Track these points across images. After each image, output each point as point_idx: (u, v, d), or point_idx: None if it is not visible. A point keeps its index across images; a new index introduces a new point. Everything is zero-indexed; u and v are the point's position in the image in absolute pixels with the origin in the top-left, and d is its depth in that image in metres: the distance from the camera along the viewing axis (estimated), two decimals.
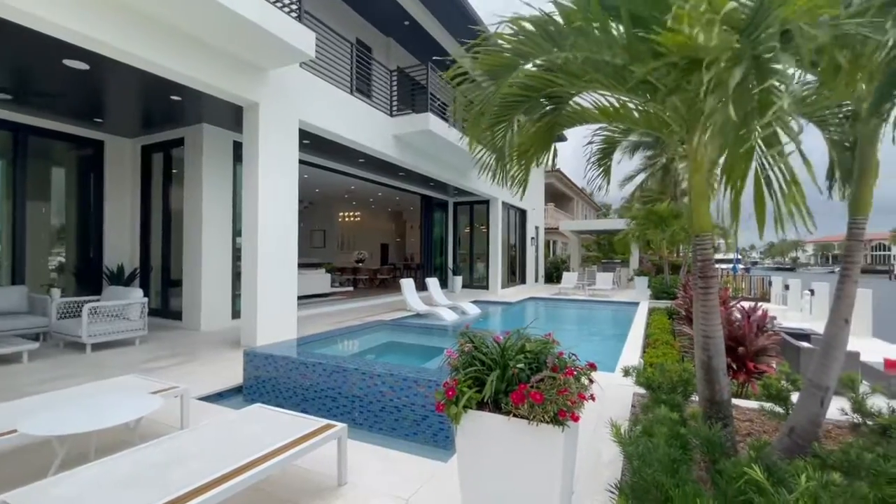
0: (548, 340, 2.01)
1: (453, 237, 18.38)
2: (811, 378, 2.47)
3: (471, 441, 1.85)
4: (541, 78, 2.70)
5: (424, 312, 10.51)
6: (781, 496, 1.47)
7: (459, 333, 2.06)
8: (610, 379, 5.00)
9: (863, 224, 2.45)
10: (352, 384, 4.02)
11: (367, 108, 9.50)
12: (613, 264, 23.97)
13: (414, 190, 15.65)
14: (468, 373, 1.84)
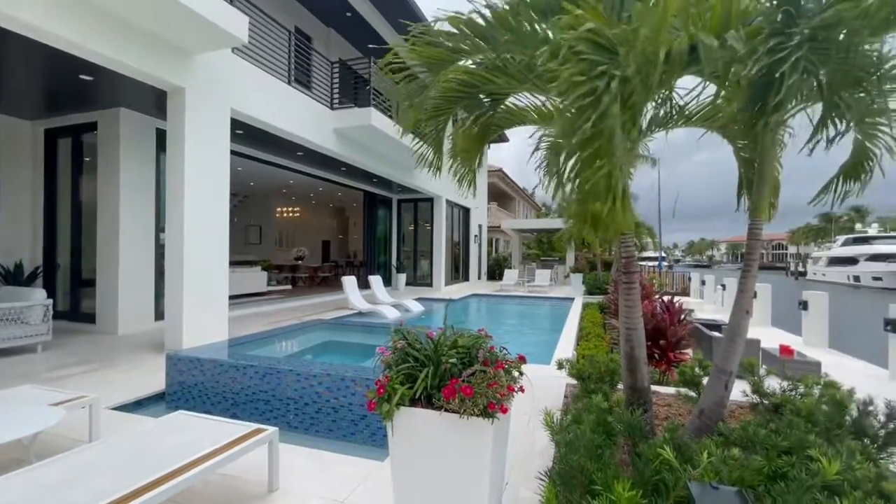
0: (480, 335, 2.05)
1: (397, 234, 18.26)
2: (718, 364, 2.72)
3: (403, 438, 1.84)
4: (479, 75, 2.74)
5: (367, 311, 10.34)
6: (688, 472, 1.61)
7: (393, 330, 2.05)
8: (545, 371, 5.21)
9: (760, 226, 2.73)
10: (286, 386, 3.86)
11: (307, 100, 9.16)
12: (552, 262, 24.99)
13: (357, 186, 15.34)
14: (401, 370, 1.83)
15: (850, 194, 3.18)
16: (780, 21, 2.21)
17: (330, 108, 10.06)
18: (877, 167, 2.94)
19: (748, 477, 1.69)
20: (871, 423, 2.51)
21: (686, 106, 3.53)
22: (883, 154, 2.92)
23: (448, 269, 18.45)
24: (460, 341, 1.94)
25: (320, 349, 6.98)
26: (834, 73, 2.32)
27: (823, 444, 2.16)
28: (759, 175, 2.71)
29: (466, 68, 2.73)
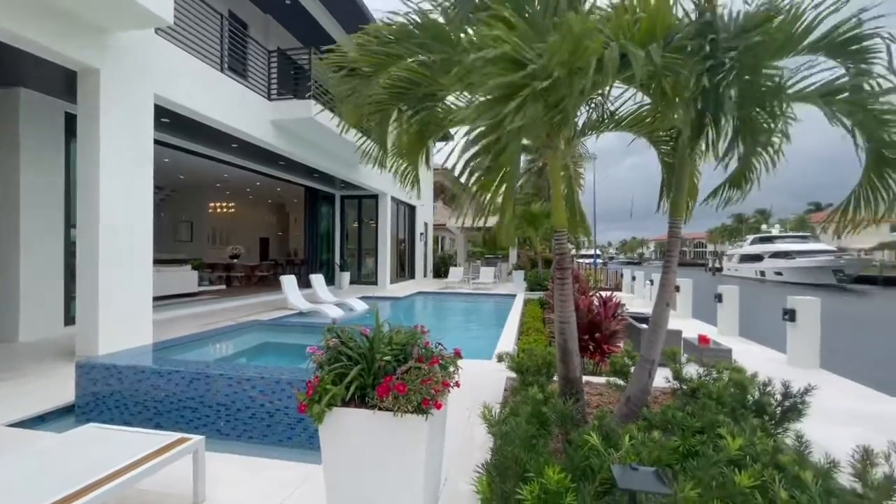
0: (416, 332, 2.05)
1: (341, 232, 17.82)
2: (642, 353, 2.92)
3: (336, 439, 1.80)
4: (419, 72, 2.73)
5: (308, 310, 10.01)
6: (611, 456, 1.71)
7: (326, 329, 1.99)
8: (487, 366, 5.32)
9: (679, 225, 2.95)
10: (216, 391, 3.64)
11: (241, 89, 8.67)
12: (496, 259, 25.56)
13: (297, 181, 14.77)
14: (333, 369, 1.78)
15: (731, 201, 3.55)
16: (705, 41, 2.39)
17: (267, 99, 9.60)
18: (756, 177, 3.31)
19: (665, 456, 1.83)
20: (770, 401, 2.81)
21: (617, 112, 3.74)
22: (761, 168, 3.28)
23: (393, 267, 18.30)
24: (395, 338, 1.92)
25: (256, 351, 6.66)
26: (744, 93, 2.56)
27: (730, 422, 2.38)
28: (677, 179, 2.93)
29: (409, 65, 2.72)
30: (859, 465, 1.82)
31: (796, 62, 2.77)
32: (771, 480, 1.60)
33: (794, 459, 1.88)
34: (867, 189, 2.74)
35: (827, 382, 5.78)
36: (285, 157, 10.94)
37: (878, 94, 2.44)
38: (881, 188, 2.68)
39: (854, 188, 2.84)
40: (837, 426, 3.94)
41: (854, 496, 1.70)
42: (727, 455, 1.77)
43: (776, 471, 1.87)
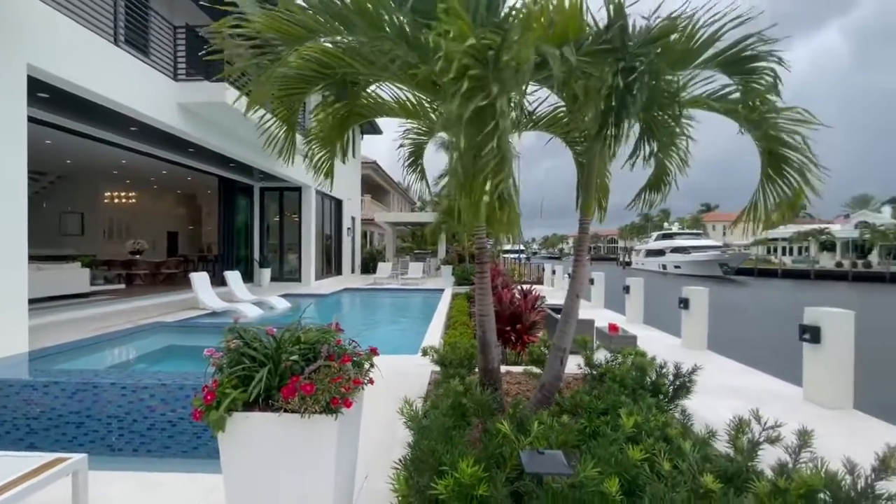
0: (328, 329, 1.98)
1: (260, 226, 16.78)
2: (555, 342, 3.08)
3: (238, 447, 1.67)
4: (335, 56, 2.62)
5: (222, 310, 9.32)
6: (521, 442, 1.78)
7: (227, 329, 1.85)
8: (413, 360, 5.32)
9: (588, 223, 3.15)
10: (107, 403, 3.25)
11: (141, 66, 7.79)
12: (425, 254, 25.69)
13: (210, 170, 13.64)
14: (234, 371, 1.65)
15: (655, 202, 3.94)
16: (619, 45, 2.55)
17: (173, 79, 8.73)
18: (673, 179, 3.68)
19: (571, 439, 1.95)
20: (664, 382, 3.11)
21: (535, 112, 3.91)
22: (676, 172, 3.68)
23: (319, 262, 17.65)
24: (304, 337, 1.83)
25: (160, 356, 6.07)
26: (648, 99, 2.79)
27: (630, 402, 2.60)
28: (586, 180, 3.13)
29: (323, 47, 2.59)
30: (731, 432, 2.07)
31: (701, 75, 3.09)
32: (658, 453, 1.77)
33: (679, 432, 2.09)
34: (765, 184, 3.11)
35: (712, 362, 6.55)
36: (195, 143, 10.04)
37: (771, 107, 2.80)
38: (779, 181, 3.03)
39: (756, 187, 3.22)
40: (719, 399, 4.48)
41: (726, 460, 1.93)
42: (624, 433, 1.93)
43: (665, 443, 2.07)
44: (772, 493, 1.54)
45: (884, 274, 41.73)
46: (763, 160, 3.08)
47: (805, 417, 4.24)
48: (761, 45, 2.67)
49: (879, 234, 46.26)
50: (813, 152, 2.81)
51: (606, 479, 1.50)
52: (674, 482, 1.54)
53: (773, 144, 2.84)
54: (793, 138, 2.81)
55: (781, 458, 1.86)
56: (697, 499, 1.48)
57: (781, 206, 3.05)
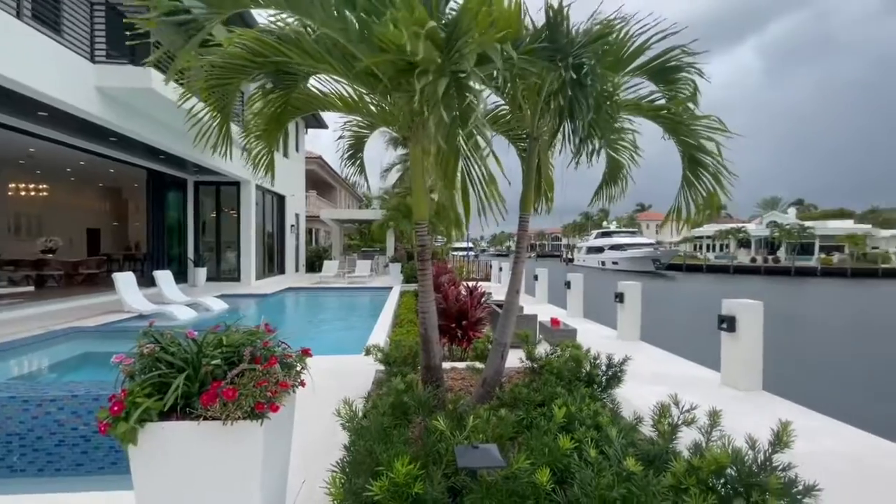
0: (255, 331, 1.88)
1: (195, 222, 15.75)
2: (496, 338, 3.15)
3: (152, 460, 1.55)
4: (269, 45, 2.50)
5: (150, 312, 8.66)
6: (456, 438, 1.80)
7: (141, 333, 1.71)
8: (357, 360, 5.22)
9: (527, 219, 3.24)
10: (5, 420, 2.91)
11: (52, 46, 7.03)
12: (373, 252, 25.32)
13: (137, 162, 12.59)
14: (149, 378, 1.53)
15: (615, 196, 4.15)
16: (550, 48, 2.63)
17: (90, 61, 7.95)
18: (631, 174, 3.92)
19: (506, 431, 1.99)
20: (597, 372, 3.27)
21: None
22: (630, 165, 3.89)
23: (260, 261, 16.86)
24: (227, 340, 1.73)
25: (75, 364, 5.53)
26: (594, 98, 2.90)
27: (565, 393, 2.71)
28: (526, 177, 3.22)
29: (255, 34, 2.46)
30: (654, 417, 2.22)
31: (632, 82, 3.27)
32: (587, 441, 1.85)
33: (609, 420, 2.21)
34: (685, 186, 3.36)
35: (643, 351, 6.99)
36: (118, 133, 9.22)
37: (691, 115, 3.01)
38: (696, 184, 3.29)
39: (679, 189, 3.47)
40: (649, 386, 4.78)
41: (649, 444, 2.06)
42: (556, 423, 2.01)
43: (595, 431, 2.18)
44: (687, 472, 1.66)
45: (789, 268, 46.69)
46: (684, 164, 3.32)
47: (721, 400, 4.62)
48: (684, 57, 2.87)
49: (786, 233, 51.59)
50: (725, 158, 3.07)
51: (538, 470, 1.56)
52: (599, 468, 1.62)
53: (691, 149, 3.07)
54: (708, 144, 3.05)
55: (697, 439, 2.01)
56: (621, 481, 1.57)
57: (700, 206, 3.31)
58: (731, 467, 1.70)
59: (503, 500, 1.55)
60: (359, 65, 2.50)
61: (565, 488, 1.73)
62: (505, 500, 1.57)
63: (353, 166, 4.44)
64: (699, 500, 1.50)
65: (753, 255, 54.17)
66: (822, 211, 69.06)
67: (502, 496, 1.54)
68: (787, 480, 1.61)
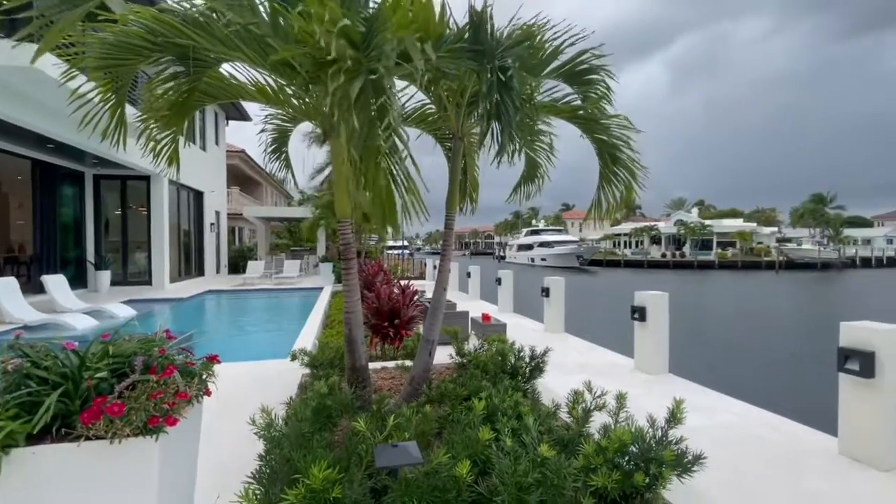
0: (150, 339, 1.72)
1: (96, 221, 14.10)
2: (424, 335, 3.16)
3: (24, 493, 1.33)
4: (171, 26, 2.28)
5: (37, 323, 7.62)
6: (376, 437, 1.78)
7: (6, 346, 1.48)
8: (283, 365, 4.98)
9: (453, 217, 3.28)
10: None
11: None
12: (302, 252, 24.33)
13: (18, 152, 11.00)
14: (16, 398, 1.32)
15: (532, 193, 4.32)
16: (474, 49, 2.66)
17: None
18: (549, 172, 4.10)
19: (428, 428, 2.01)
20: (521, 364, 3.41)
21: (404, 106, 3.93)
22: (546, 165, 4.07)
23: (175, 263, 15.52)
24: (114, 349, 1.56)
25: None
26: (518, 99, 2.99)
27: (490, 386, 2.79)
28: (453, 176, 3.26)
29: (155, 13, 2.24)
30: (570, 404, 2.35)
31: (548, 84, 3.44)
32: (505, 431, 1.92)
33: (529, 409, 2.30)
34: (602, 182, 3.59)
35: (567, 342, 7.41)
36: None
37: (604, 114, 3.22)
38: (613, 179, 3.53)
39: (598, 186, 3.70)
40: (571, 374, 5.06)
41: (565, 429, 2.18)
42: (476, 416, 2.06)
43: (517, 421, 2.26)
44: (595, 452, 1.78)
45: (693, 262, 52.08)
46: (600, 161, 3.56)
47: (634, 384, 5.03)
48: (595, 60, 3.06)
49: (690, 230, 57.36)
50: (636, 152, 3.34)
51: (458, 463, 1.58)
52: (516, 455, 1.69)
53: (606, 146, 3.30)
54: (621, 143, 3.30)
55: (607, 422, 2.17)
56: (536, 467, 1.65)
57: (616, 200, 3.58)
58: (634, 445, 1.85)
59: (424, 496, 1.55)
60: (275, 55, 2.37)
61: (487, 479, 1.78)
62: (426, 495, 1.58)
63: (278, 161, 4.22)
64: (605, 477, 1.62)
65: (664, 251, 59.52)
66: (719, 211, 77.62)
67: (423, 492, 1.55)
68: (679, 452, 1.78)
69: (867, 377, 3.13)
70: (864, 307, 21.10)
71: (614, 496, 1.74)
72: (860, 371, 3.16)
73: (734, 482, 2.87)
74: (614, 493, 1.73)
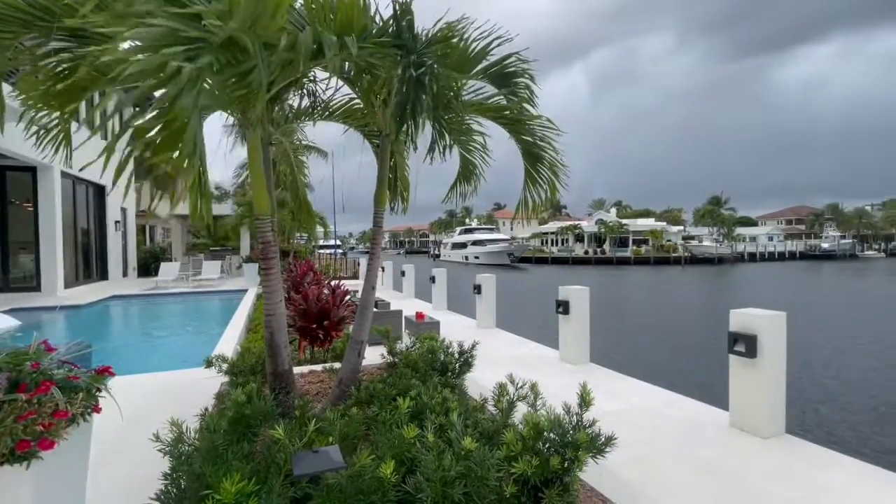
0: (23, 352, 1.50)
1: None
2: (352, 336, 3.08)
3: None
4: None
5: None
6: (295, 444, 1.71)
7: None
8: (198, 374, 4.62)
9: (382, 215, 3.24)
10: None
11: None
12: (224, 252, 22.75)
13: None
14: None
15: (467, 193, 4.36)
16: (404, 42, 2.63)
17: None
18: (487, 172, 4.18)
19: (353, 430, 1.96)
20: (451, 360, 3.45)
21: (331, 102, 3.81)
22: (481, 165, 4.14)
23: (72, 265, 13.79)
24: None
25: None
26: (436, 97, 3.00)
27: (419, 384, 2.79)
28: (381, 173, 3.21)
29: None
30: (495, 396, 2.42)
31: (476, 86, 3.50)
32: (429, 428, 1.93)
33: (456, 405, 2.34)
34: (528, 181, 3.73)
35: (499, 337, 7.64)
36: None
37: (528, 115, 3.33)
38: (537, 177, 3.66)
39: (524, 185, 3.82)
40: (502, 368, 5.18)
41: (491, 421, 2.24)
42: (402, 415, 2.05)
43: (445, 417, 2.28)
44: (516, 441, 1.85)
45: (612, 258, 56.25)
46: (525, 161, 3.70)
47: (559, 374, 5.31)
48: (519, 64, 3.17)
49: (609, 229, 61.80)
50: (558, 151, 3.53)
51: (382, 464, 1.56)
52: (440, 451, 1.70)
53: (530, 146, 3.44)
54: (544, 141, 3.46)
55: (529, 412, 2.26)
56: (460, 460, 1.67)
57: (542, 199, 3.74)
58: (553, 431, 1.94)
59: (347, 500, 1.51)
60: None
61: (414, 478, 1.77)
62: (350, 499, 1.54)
63: None
64: (525, 464, 1.68)
65: (587, 248, 63.53)
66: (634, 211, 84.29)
67: (346, 497, 1.51)
68: (593, 435, 1.91)
69: (751, 357, 3.56)
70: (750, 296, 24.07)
71: (535, 482, 1.82)
72: (745, 352, 3.59)
73: (642, 457, 3.13)
74: (535, 479, 1.81)
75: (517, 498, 1.78)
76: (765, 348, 3.53)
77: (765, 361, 3.54)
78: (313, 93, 3.50)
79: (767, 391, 3.55)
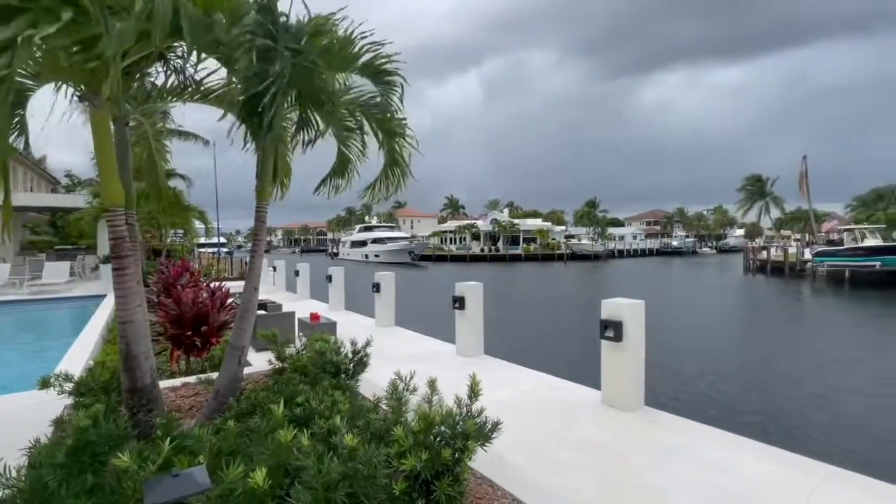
0: None
1: None
2: (231, 342, 2.80)
3: None
4: None
5: None
6: (148, 469, 1.49)
7: None
8: (32, 398, 3.83)
9: (265, 209, 2.99)
10: None
11: None
12: (75, 251, 19.27)
13: None
14: None
15: (340, 189, 4.20)
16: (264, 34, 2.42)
17: None
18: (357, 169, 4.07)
19: (227, 445, 1.78)
20: (344, 360, 3.33)
21: (203, 82, 3.41)
22: (356, 161, 4.03)
23: None
24: None
25: None
26: (305, 93, 2.84)
27: (308, 389, 2.62)
28: (264, 165, 2.96)
29: None
30: (388, 395, 2.38)
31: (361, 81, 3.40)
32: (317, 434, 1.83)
33: (346, 408, 2.25)
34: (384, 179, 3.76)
35: (398, 335, 7.61)
36: None
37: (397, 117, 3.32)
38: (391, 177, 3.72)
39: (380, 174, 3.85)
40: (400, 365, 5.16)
41: (382, 420, 2.20)
42: (277, 422, 1.89)
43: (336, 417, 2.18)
44: (406, 436, 1.83)
45: (505, 255, 59.93)
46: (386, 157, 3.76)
47: (454, 367, 5.45)
48: (388, 65, 3.17)
49: (502, 228, 65.67)
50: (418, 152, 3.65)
51: (252, 474, 1.42)
52: (319, 454, 1.61)
53: (391, 143, 3.49)
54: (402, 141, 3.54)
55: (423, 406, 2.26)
56: (344, 461, 1.60)
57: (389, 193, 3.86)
58: (444, 424, 1.97)
59: None
60: None
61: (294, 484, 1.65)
62: None
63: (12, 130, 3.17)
64: (413, 458, 1.67)
65: (482, 246, 66.67)
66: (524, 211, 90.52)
67: None
68: (481, 423, 1.97)
69: (618, 341, 4.03)
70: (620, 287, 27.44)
71: (426, 476, 1.83)
72: (613, 337, 4.05)
73: (527, 439, 3.37)
74: (426, 473, 1.81)
75: (408, 494, 1.76)
76: (629, 333, 4.02)
77: (629, 345, 4.03)
78: (181, 70, 3.08)
79: (631, 370, 4.05)
